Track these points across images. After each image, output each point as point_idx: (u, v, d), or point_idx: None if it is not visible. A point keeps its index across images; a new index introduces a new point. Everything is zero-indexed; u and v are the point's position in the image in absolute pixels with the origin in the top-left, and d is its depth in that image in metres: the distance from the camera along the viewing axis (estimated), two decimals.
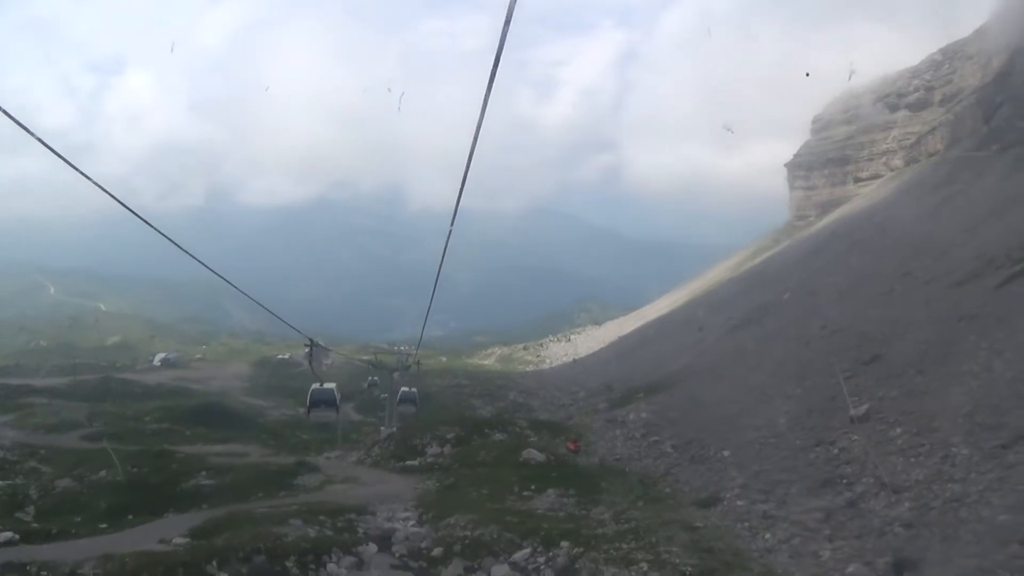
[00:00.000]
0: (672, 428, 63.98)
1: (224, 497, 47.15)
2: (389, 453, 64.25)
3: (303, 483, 52.45)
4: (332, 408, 49.09)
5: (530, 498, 45.93)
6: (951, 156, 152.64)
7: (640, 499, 44.91)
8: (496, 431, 67.81)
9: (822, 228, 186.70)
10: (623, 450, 62.46)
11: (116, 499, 47.49)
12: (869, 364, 55.68)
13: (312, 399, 48.59)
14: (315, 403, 48.65)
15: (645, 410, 73.41)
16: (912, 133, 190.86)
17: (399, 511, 41.32)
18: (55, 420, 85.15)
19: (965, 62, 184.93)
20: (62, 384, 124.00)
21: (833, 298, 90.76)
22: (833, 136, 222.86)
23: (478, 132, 13.95)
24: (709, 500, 43.00)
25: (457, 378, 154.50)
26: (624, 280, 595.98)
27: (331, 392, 48.77)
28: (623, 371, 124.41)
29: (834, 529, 34.15)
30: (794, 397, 57.24)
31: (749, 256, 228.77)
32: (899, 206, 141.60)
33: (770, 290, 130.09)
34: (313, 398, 48.59)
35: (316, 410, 48.87)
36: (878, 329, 63.30)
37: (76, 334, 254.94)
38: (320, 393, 48.52)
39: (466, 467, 56.57)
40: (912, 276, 78.77)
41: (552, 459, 56.95)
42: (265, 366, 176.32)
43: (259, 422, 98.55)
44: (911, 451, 38.61)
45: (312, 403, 48.69)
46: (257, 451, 70.76)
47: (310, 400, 48.84)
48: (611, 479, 51.10)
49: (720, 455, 51.91)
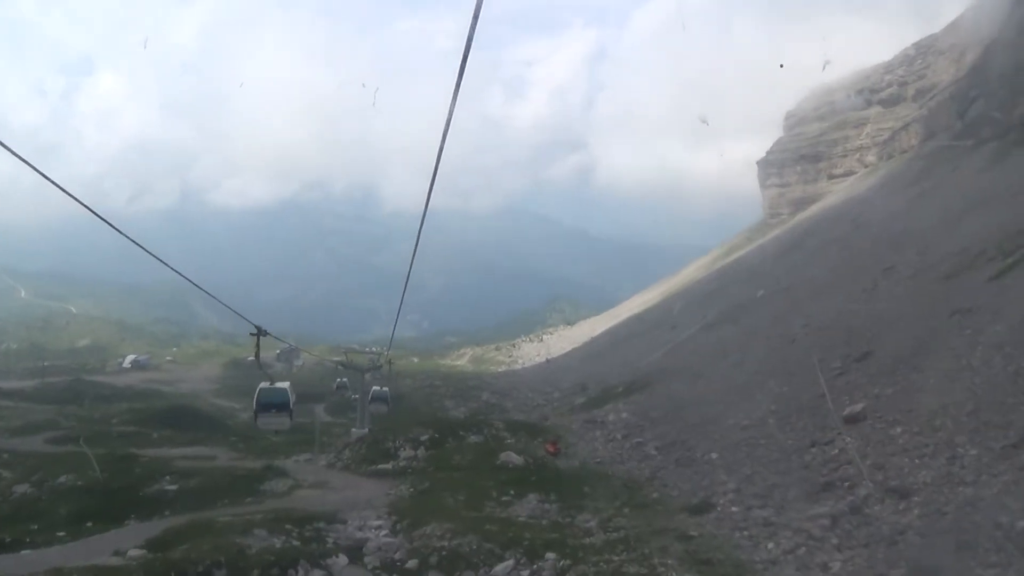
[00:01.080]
0: (654, 429, 61.61)
1: (188, 503, 44.54)
2: (361, 456, 61.01)
3: (270, 488, 49.28)
4: (284, 412, 39.75)
5: (509, 504, 43.22)
6: (926, 151, 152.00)
7: (626, 505, 42.42)
8: (471, 433, 64.27)
9: (796, 225, 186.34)
10: (604, 452, 59.87)
11: (76, 505, 44.66)
12: (860, 361, 53.50)
13: (259, 402, 39.90)
14: (263, 407, 39.88)
15: (625, 410, 71.49)
16: (886, 129, 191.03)
17: (371, 519, 38.46)
18: (20, 423, 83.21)
19: (938, 57, 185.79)
20: (30, 387, 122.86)
21: (812, 295, 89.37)
22: (806, 133, 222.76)
23: (446, 132, 13.94)
24: (701, 506, 40.53)
25: (429, 379, 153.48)
26: (596, 280, 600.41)
27: (283, 393, 39.81)
28: (597, 371, 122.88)
29: (841, 538, 31.90)
30: (781, 395, 54.92)
31: (722, 255, 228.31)
32: (875, 202, 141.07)
33: (744, 288, 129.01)
34: (260, 400, 39.83)
35: (265, 415, 40.23)
36: (865, 325, 61.30)
37: (46, 336, 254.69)
38: (269, 394, 39.78)
39: (441, 471, 53.67)
40: (895, 270, 77.04)
41: (531, 462, 54.16)
42: (236, 367, 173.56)
43: (228, 424, 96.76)
44: (915, 451, 36.53)
45: (260, 407, 39.96)
46: (225, 454, 67.66)
47: (257, 403, 40.04)
48: (594, 483, 48.31)
49: (707, 457, 49.52)
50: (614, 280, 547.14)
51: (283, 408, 39.55)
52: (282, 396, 39.71)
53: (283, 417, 39.80)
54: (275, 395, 39.75)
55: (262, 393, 39.76)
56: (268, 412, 39.84)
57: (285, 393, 39.84)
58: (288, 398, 39.72)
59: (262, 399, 39.74)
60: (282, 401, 39.60)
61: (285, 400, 39.62)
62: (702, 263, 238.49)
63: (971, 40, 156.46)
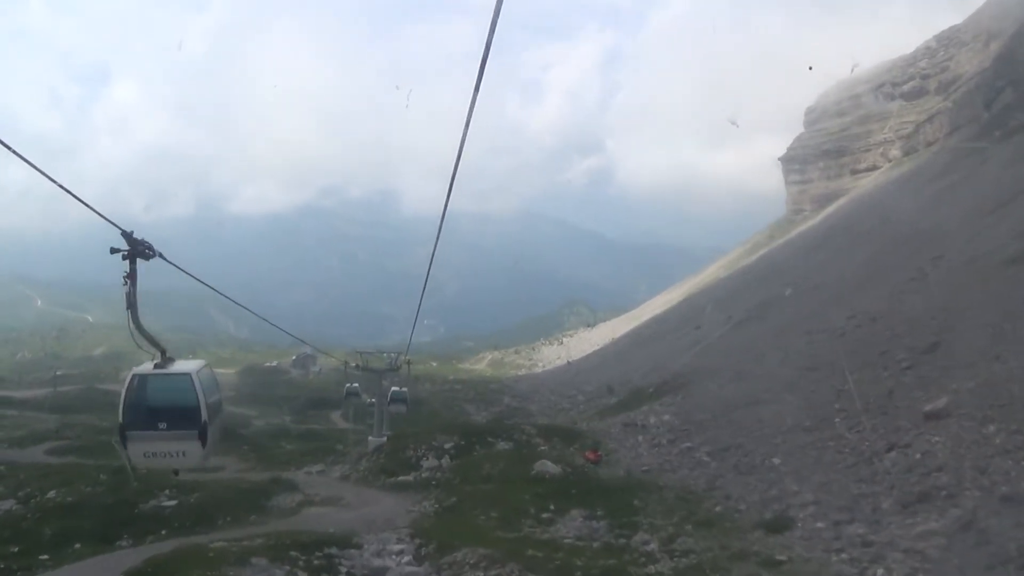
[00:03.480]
0: (703, 432, 56.35)
1: (186, 521, 40.28)
2: (379, 467, 56.35)
3: (277, 504, 44.60)
4: (189, 431, 19.67)
5: (551, 522, 37.86)
6: (952, 144, 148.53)
7: (687, 521, 37.10)
8: (500, 439, 59.68)
9: (822, 221, 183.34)
10: (650, 459, 54.27)
11: (64, 524, 40.12)
12: (929, 353, 48.92)
13: (127, 415, 19.43)
14: (132, 424, 19.45)
15: (666, 412, 66.18)
16: (909, 122, 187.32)
17: (391, 542, 33.33)
18: (23, 433, 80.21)
19: (961, 48, 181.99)
20: (41, 396, 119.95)
21: (853, 288, 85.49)
22: (827, 128, 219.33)
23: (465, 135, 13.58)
24: (778, 522, 35.29)
25: (449, 383, 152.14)
26: (612, 283, 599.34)
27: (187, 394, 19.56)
28: (622, 373, 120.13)
29: (963, 559, 26.99)
30: (844, 393, 49.63)
31: (744, 253, 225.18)
32: (903, 195, 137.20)
33: (770, 286, 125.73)
34: (129, 413, 19.35)
35: (138, 439, 19.63)
36: (926, 314, 56.71)
37: (61, 345, 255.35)
38: (143, 398, 19.67)
39: (469, 483, 48.47)
40: (944, 259, 72.96)
41: (569, 472, 49.17)
42: (251, 374, 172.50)
43: (241, 432, 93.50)
44: (1018, 452, 32.18)
45: (126, 423, 19.48)
46: (233, 464, 63.77)
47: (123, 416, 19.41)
48: (644, 495, 42.59)
49: (769, 463, 44.44)
50: (630, 282, 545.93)
51: (186, 425, 19.69)
52: (183, 398, 19.75)
53: (184, 443, 19.80)
54: (159, 399, 20.00)
55: (132, 399, 19.64)
56: (143, 433, 19.64)
57: (190, 395, 19.76)
58: (198, 404, 19.74)
59: (130, 412, 19.53)
60: (184, 411, 19.67)
61: (191, 408, 19.70)
62: (723, 262, 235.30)
63: (996, 30, 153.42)
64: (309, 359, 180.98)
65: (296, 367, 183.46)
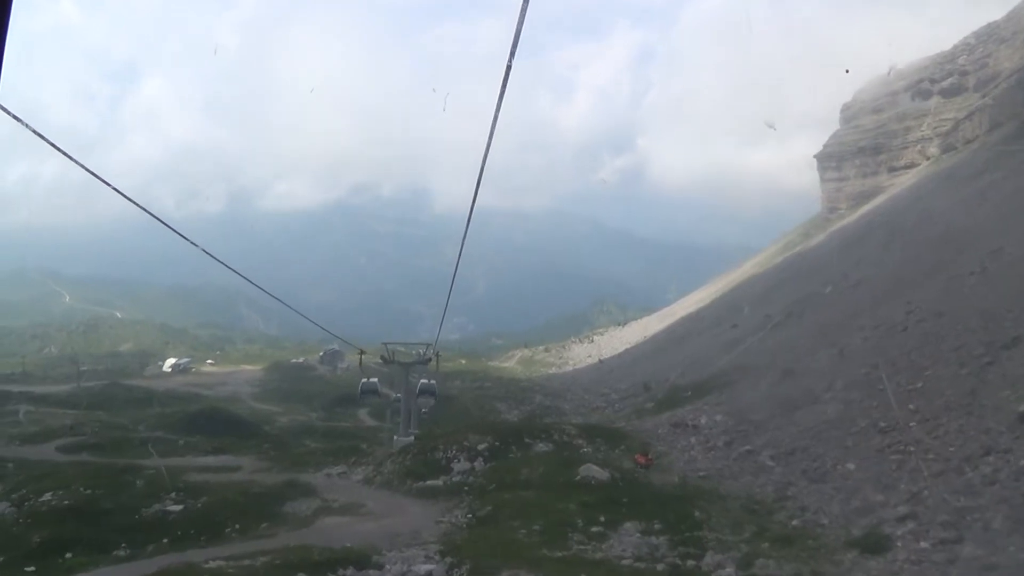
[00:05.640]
0: (763, 434, 52.58)
1: (190, 529, 37.35)
2: (405, 470, 52.04)
3: (292, 511, 41.05)
4: None
5: (602, 537, 33.30)
6: (992, 140, 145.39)
7: (761, 538, 32.70)
8: (538, 440, 55.72)
9: (860, 217, 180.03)
10: (706, 463, 50.72)
11: (56, 531, 37.18)
12: (1010, 348, 44.77)
13: None
14: None
15: (718, 412, 62.47)
16: (948, 120, 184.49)
17: (417, 560, 28.67)
18: (36, 429, 78.13)
19: (1000, 45, 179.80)
20: (64, 391, 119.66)
21: (908, 282, 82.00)
22: (864, 125, 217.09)
23: (492, 133, 13.47)
24: (873, 541, 30.57)
25: (479, 380, 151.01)
26: (641, 281, 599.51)
27: None
28: (656, 371, 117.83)
29: None
30: (916, 392, 45.88)
31: (778, 251, 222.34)
32: (944, 192, 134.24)
33: (809, 283, 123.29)
34: None
35: None
36: (1001, 307, 52.63)
37: (88, 341, 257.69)
38: None
39: (505, 489, 43.58)
40: (1004, 252, 69.29)
41: (618, 477, 44.62)
42: (278, 370, 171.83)
43: (264, 429, 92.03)
44: None
45: None
46: (251, 464, 59.94)
47: None
48: (705, 505, 38.63)
49: (843, 469, 40.35)
50: (660, 281, 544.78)
51: None
52: None
53: None
54: None
55: None
56: None
57: None
58: None
59: None
60: None
61: None
62: (757, 260, 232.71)
63: None
64: (337, 355, 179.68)
65: (324, 363, 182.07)
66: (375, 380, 70.62)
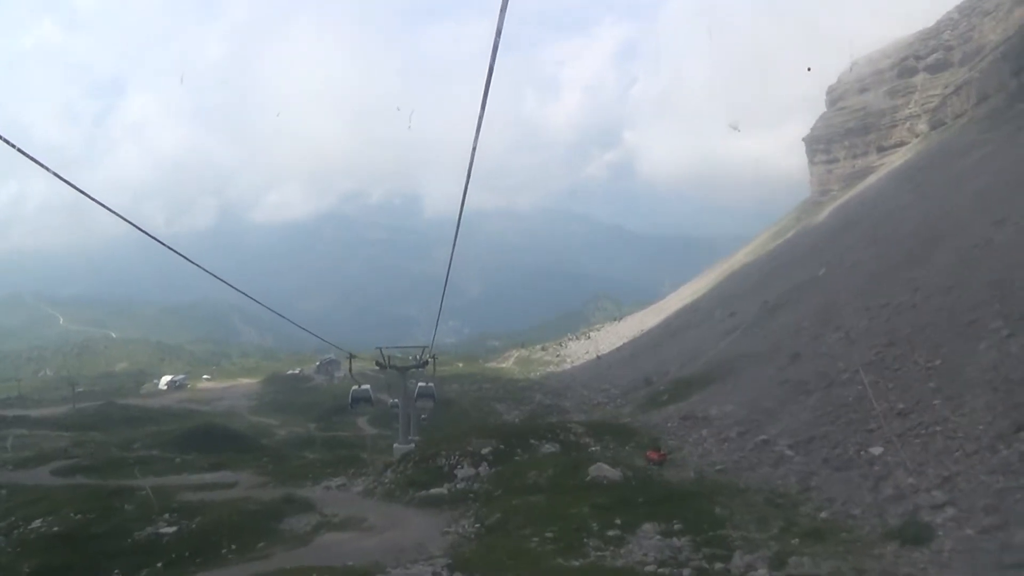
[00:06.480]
0: (777, 422, 50.09)
1: (184, 551, 35.26)
2: (407, 479, 48.97)
3: (290, 528, 38.67)
4: None
5: (620, 541, 30.17)
6: (982, 113, 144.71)
7: (790, 533, 29.80)
8: (545, 441, 53.36)
9: (851, 199, 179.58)
10: (721, 456, 48.15)
11: (45, 558, 35.37)
12: None
13: None
14: None
15: (728, 402, 60.12)
16: (935, 96, 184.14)
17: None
18: (30, 453, 76.50)
19: (983, 17, 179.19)
20: (60, 413, 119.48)
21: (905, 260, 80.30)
22: (851, 106, 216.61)
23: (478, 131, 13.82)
24: (913, 531, 27.80)
25: (477, 382, 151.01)
26: (635, 275, 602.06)
27: None
28: (656, 364, 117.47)
29: None
30: (935, 370, 43.47)
31: (770, 238, 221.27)
32: (936, 167, 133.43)
33: (805, 267, 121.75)
34: None
35: None
36: (1012, 278, 50.37)
37: (83, 362, 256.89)
38: None
39: (513, 495, 40.55)
40: (1009, 221, 67.18)
41: (631, 475, 41.78)
42: (275, 382, 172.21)
43: (261, 443, 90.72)
44: None
45: None
46: (249, 479, 57.94)
47: None
48: (726, 501, 35.68)
49: (867, 454, 37.71)
50: (654, 274, 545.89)
51: None
52: None
53: None
54: None
55: None
56: None
57: None
58: None
59: None
60: None
61: None
62: (750, 248, 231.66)
63: None
64: (333, 364, 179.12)
65: (320, 373, 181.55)
66: (367, 387, 67.66)
